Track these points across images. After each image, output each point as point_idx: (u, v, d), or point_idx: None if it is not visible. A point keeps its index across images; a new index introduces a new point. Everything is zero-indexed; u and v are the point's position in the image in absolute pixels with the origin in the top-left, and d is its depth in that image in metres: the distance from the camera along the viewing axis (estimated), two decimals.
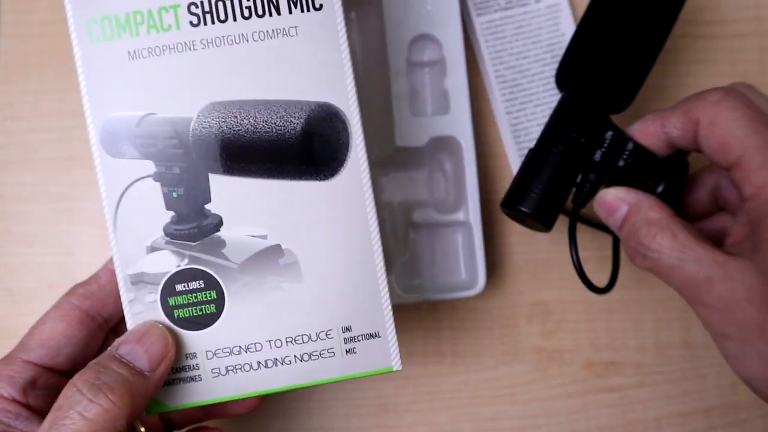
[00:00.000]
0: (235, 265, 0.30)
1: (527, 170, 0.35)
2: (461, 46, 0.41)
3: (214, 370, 0.30)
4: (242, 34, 0.29)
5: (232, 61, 0.29)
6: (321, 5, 0.30)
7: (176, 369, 0.30)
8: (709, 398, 0.43)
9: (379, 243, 0.31)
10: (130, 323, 0.30)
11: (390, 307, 0.31)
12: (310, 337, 0.30)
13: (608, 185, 0.35)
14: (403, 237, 0.42)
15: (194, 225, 0.30)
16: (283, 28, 0.30)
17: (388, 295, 0.31)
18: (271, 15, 0.29)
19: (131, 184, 0.30)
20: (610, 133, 0.35)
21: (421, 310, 0.43)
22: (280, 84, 0.30)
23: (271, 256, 0.30)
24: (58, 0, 0.45)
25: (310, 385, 0.30)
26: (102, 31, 0.29)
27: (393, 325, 0.31)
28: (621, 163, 0.34)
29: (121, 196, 0.30)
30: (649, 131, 0.33)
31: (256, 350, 0.30)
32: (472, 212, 0.40)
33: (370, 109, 0.38)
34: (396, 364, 0.31)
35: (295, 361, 0.30)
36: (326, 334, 0.30)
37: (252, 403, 0.34)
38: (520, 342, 0.43)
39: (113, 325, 0.33)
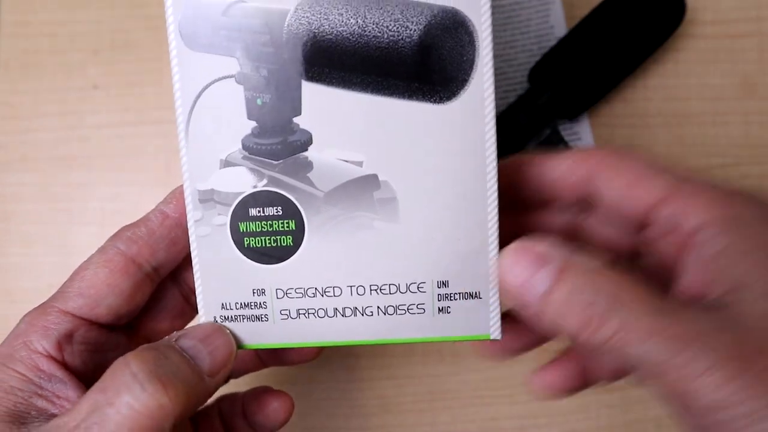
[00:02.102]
0: (321, 193, 0.26)
1: None
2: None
3: (283, 312, 0.26)
4: None
5: None
6: None
7: (241, 305, 0.27)
8: None
9: (495, 188, 0.25)
10: (195, 246, 0.26)
11: (496, 267, 0.26)
12: (398, 288, 0.26)
13: None
14: None
15: (279, 140, 0.25)
16: None
17: (497, 251, 0.26)
18: None
19: (210, 83, 0.25)
20: (548, 131, 0.41)
21: None
22: None
23: (365, 187, 0.26)
24: (58, 0, 0.45)
25: (392, 342, 0.27)
26: None
27: (497, 287, 0.26)
28: None
29: (198, 96, 0.25)
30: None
31: (334, 295, 0.26)
32: None
33: None
34: (495, 332, 0.27)
35: (378, 313, 0.26)
36: (418, 287, 0.26)
37: (312, 352, 0.31)
38: None
39: (164, 276, 0.29)
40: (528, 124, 0.40)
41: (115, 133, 0.44)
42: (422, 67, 0.25)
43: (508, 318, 0.27)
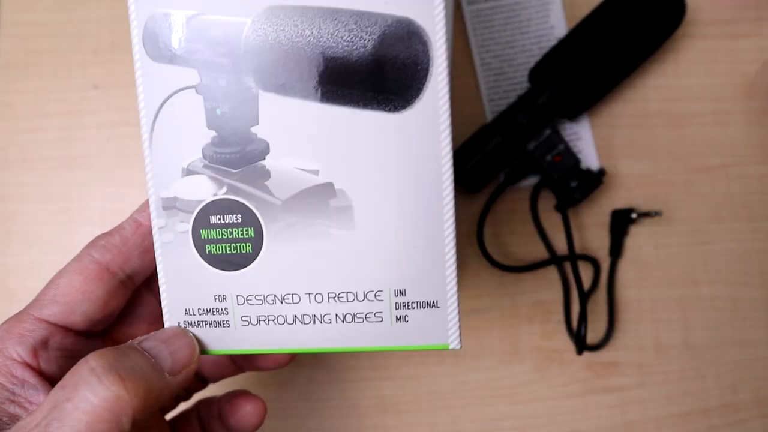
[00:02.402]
0: (278, 201, 0.26)
1: (471, 141, 0.42)
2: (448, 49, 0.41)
3: (243, 318, 0.27)
4: None
5: None
6: None
7: (203, 310, 0.27)
8: (709, 398, 0.43)
9: (452, 196, 0.26)
10: (159, 252, 0.27)
11: (455, 275, 0.26)
12: (356, 296, 0.26)
13: (541, 178, 0.42)
14: None
15: (237, 149, 0.26)
16: None
17: (454, 259, 0.26)
18: None
19: (172, 94, 0.26)
20: (548, 131, 0.41)
21: None
22: None
23: (321, 195, 0.26)
24: (58, 0, 0.45)
25: (350, 350, 0.27)
26: None
27: (456, 296, 0.26)
28: (549, 157, 0.41)
29: (160, 107, 0.26)
30: None
31: (293, 302, 0.27)
32: None
33: None
34: (453, 342, 0.27)
35: (336, 321, 0.27)
36: (375, 296, 0.26)
37: (284, 358, 0.32)
38: (520, 342, 0.43)
39: (139, 283, 0.30)
40: (528, 124, 0.40)
41: (115, 133, 0.44)
42: (377, 77, 0.25)
43: None
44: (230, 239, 0.27)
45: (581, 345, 0.41)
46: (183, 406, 0.34)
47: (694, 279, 0.43)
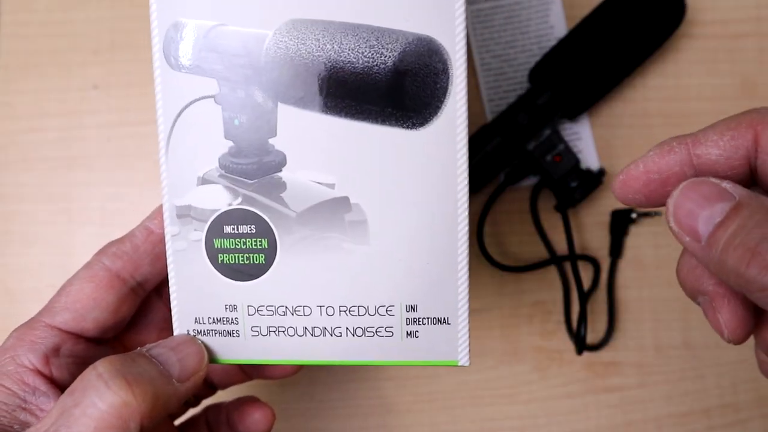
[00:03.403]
0: (293, 214, 0.26)
1: (471, 141, 0.41)
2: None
3: (254, 328, 0.27)
4: None
5: None
6: None
7: (214, 320, 0.27)
8: (709, 398, 0.43)
9: (466, 214, 0.26)
10: (171, 260, 0.27)
11: (467, 292, 0.26)
12: (367, 311, 0.26)
13: (541, 178, 0.41)
14: None
15: (254, 160, 0.26)
16: None
17: (467, 276, 0.26)
18: None
19: (190, 103, 0.26)
20: (548, 131, 0.41)
21: None
22: (376, 6, 0.25)
23: (336, 209, 0.26)
24: (58, 0, 0.45)
25: (359, 363, 0.27)
26: None
27: (467, 313, 0.26)
28: (549, 157, 0.41)
29: (179, 115, 0.26)
30: (669, 156, 0.23)
31: (304, 314, 0.27)
32: None
33: None
34: (463, 359, 0.27)
35: (347, 335, 0.27)
36: (387, 310, 0.26)
37: (292, 368, 0.32)
38: (520, 342, 0.43)
39: (149, 290, 0.30)
40: (528, 124, 0.40)
41: (115, 133, 0.44)
42: (396, 93, 0.25)
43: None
44: (243, 249, 0.27)
45: (581, 345, 0.41)
46: (191, 412, 0.34)
47: None
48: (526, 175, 0.42)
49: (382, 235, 0.26)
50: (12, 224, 0.44)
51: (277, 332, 0.27)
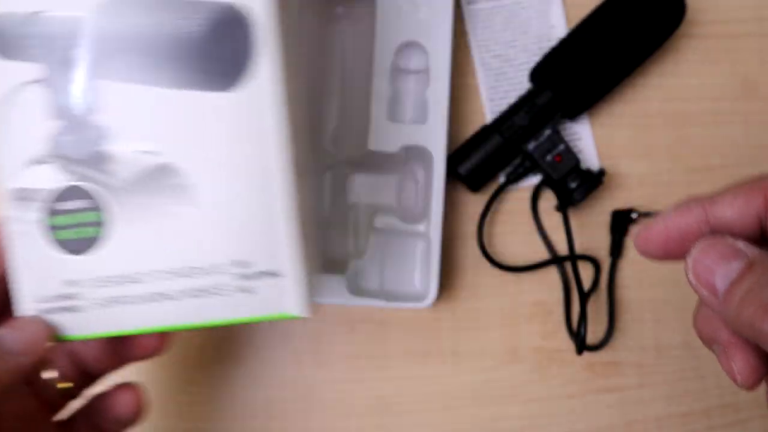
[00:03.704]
0: (122, 184, 0.27)
1: (472, 141, 0.42)
2: (448, 58, 0.40)
3: (95, 301, 0.27)
4: None
5: None
6: None
7: (54, 297, 0.28)
8: (709, 398, 0.43)
9: (291, 171, 0.27)
10: (9, 243, 0.28)
11: (300, 244, 0.27)
12: (201, 271, 0.27)
13: (541, 178, 0.42)
14: (363, 240, 0.41)
15: (80, 136, 0.27)
16: None
17: (296, 229, 0.27)
18: None
19: (17, 87, 0.27)
20: (549, 131, 0.41)
21: (420, 310, 0.43)
22: None
23: (162, 175, 0.27)
24: None
25: (200, 326, 0.28)
26: None
27: (302, 264, 0.27)
28: (549, 158, 0.41)
29: (6, 100, 0.27)
30: (688, 215, 0.26)
31: (141, 281, 0.27)
32: (432, 225, 0.40)
33: (348, 108, 0.39)
34: (300, 309, 0.27)
35: (184, 297, 0.27)
36: (219, 269, 0.27)
37: (155, 344, 0.31)
38: (520, 342, 0.43)
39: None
40: (528, 124, 0.40)
41: None
42: (201, 59, 0.27)
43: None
44: (77, 224, 0.27)
45: (581, 345, 0.41)
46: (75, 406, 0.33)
47: None
48: (526, 175, 0.42)
49: (208, 196, 0.27)
50: None
51: (117, 303, 0.28)
